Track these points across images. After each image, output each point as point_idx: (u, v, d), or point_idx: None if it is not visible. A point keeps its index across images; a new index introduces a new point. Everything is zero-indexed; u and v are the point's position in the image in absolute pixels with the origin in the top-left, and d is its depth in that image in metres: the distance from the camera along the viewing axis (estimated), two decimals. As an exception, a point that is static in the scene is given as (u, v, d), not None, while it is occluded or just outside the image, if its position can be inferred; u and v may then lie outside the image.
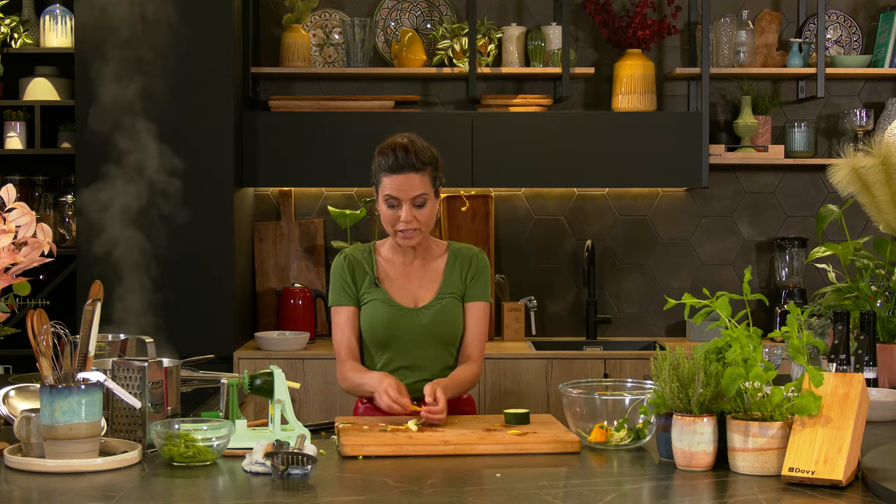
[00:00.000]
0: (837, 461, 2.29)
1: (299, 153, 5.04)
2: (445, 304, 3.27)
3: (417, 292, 3.29)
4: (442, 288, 3.29)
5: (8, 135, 5.20)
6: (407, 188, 3.17)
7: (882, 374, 3.26)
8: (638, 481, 2.45)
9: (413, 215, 3.19)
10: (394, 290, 3.28)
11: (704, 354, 2.52)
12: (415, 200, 3.19)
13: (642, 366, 4.75)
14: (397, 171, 3.17)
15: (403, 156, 3.18)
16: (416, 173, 3.18)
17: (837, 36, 5.44)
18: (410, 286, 3.29)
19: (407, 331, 3.25)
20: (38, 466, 2.48)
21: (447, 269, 3.31)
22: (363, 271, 3.29)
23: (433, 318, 3.26)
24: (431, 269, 3.31)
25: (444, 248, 3.35)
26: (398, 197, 3.18)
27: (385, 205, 3.21)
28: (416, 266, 3.31)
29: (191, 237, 4.77)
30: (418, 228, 3.21)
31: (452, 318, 3.28)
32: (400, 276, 3.29)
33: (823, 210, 3.81)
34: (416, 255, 3.31)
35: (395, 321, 3.25)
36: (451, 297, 3.29)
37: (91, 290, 2.65)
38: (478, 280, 3.31)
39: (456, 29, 5.21)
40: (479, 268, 3.31)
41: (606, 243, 5.39)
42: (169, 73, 4.71)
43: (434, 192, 3.24)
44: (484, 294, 3.32)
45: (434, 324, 3.25)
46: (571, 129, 5.08)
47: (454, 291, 3.29)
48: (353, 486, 2.42)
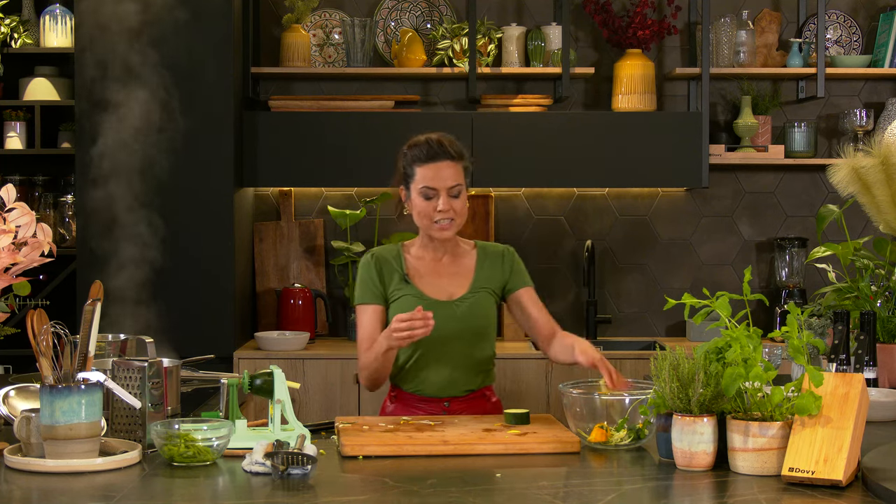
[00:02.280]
0: (837, 461, 2.29)
1: (299, 153, 5.04)
2: (479, 298, 3.27)
3: (449, 287, 3.28)
4: (475, 283, 3.28)
5: (8, 135, 5.20)
6: (443, 177, 3.19)
7: (882, 374, 3.26)
8: (638, 481, 2.45)
9: (450, 204, 3.19)
10: (424, 285, 3.27)
11: (704, 354, 2.52)
12: (451, 191, 3.19)
13: (642, 366, 4.75)
14: (433, 159, 3.20)
15: (438, 146, 3.21)
16: (451, 162, 3.20)
17: (837, 36, 5.44)
18: (441, 282, 3.28)
19: (440, 324, 3.18)
20: (38, 466, 2.48)
21: (478, 265, 3.30)
22: (392, 269, 3.28)
23: (467, 311, 3.24)
24: (462, 264, 3.31)
25: (472, 246, 3.35)
26: (435, 187, 3.18)
27: (421, 196, 3.20)
28: (445, 262, 3.31)
29: (191, 237, 4.77)
30: (454, 219, 3.21)
31: (486, 312, 3.27)
32: (430, 273, 3.29)
33: (823, 210, 3.81)
34: (445, 252, 3.30)
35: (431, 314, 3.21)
36: (485, 292, 3.28)
37: (91, 290, 2.65)
38: (517, 269, 3.33)
39: (456, 29, 5.21)
40: (514, 259, 3.35)
41: (606, 243, 5.39)
42: (169, 73, 4.71)
43: (466, 184, 3.26)
44: (527, 280, 3.35)
45: (468, 316, 3.24)
46: (571, 129, 5.08)
47: (487, 286, 3.29)
48: (353, 486, 2.42)
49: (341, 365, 4.78)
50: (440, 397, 3.25)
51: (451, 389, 3.26)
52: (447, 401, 3.25)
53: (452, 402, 3.25)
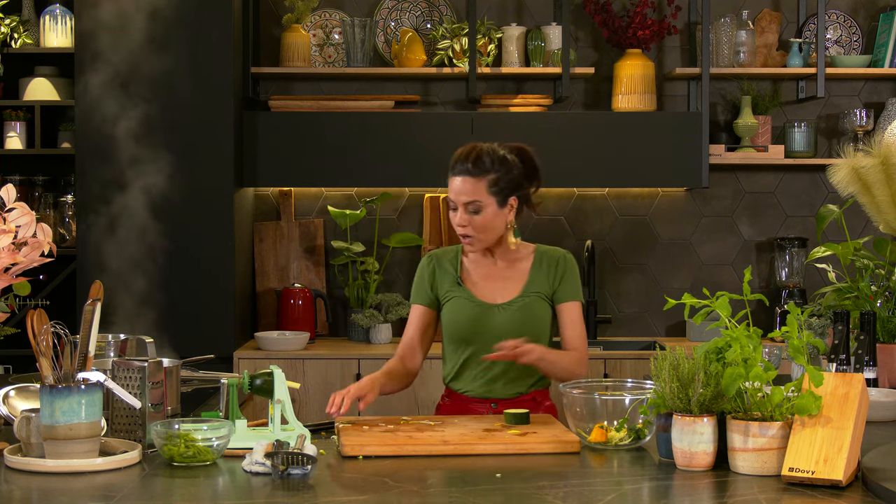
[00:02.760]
0: (837, 461, 2.29)
1: (299, 153, 5.04)
2: (529, 303, 3.26)
3: (501, 291, 3.27)
4: (527, 287, 3.27)
5: (8, 135, 5.20)
6: (458, 192, 3.19)
7: (882, 374, 3.26)
8: (638, 481, 2.45)
9: (467, 220, 3.19)
10: (476, 288, 3.28)
11: (704, 354, 2.52)
12: (467, 206, 3.18)
13: (642, 366, 4.74)
14: (455, 172, 3.21)
15: (462, 160, 3.20)
16: (469, 177, 3.18)
17: (837, 36, 5.44)
18: (494, 286, 3.28)
19: (489, 327, 3.22)
20: (38, 466, 2.48)
21: (533, 270, 3.29)
22: (446, 271, 3.30)
23: (515, 315, 3.24)
24: (517, 269, 3.30)
25: (531, 251, 3.34)
26: (454, 200, 3.20)
27: (449, 206, 3.24)
28: (500, 267, 3.31)
29: (191, 237, 4.77)
30: (472, 235, 3.20)
31: (535, 317, 3.26)
32: (483, 277, 3.29)
33: (823, 210, 3.81)
34: (497, 258, 3.31)
35: (477, 317, 3.23)
36: (536, 297, 3.27)
37: (91, 290, 2.65)
38: (567, 280, 3.29)
39: (456, 29, 5.21)
40: (567, 268, 3.30)
41: (606, 243, 5.39)
42: (169, 74, 4.71)
43: (497, 200, 3.20)
44: (575, 293, 3.30)
45: (516, 320, 3.23)
46: (571, 129, 5.08)
47: (539, 291, 3.27)
48: (353, 486, 2.42)
49: (341, 365, 4.78)
50: (487, 398, 3.26)
51: (498, 391, 3.26)
52: (494, 402, 3.25)
53: (500, 404, 3.24)
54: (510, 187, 3.23)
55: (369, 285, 5.18)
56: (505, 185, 3.22)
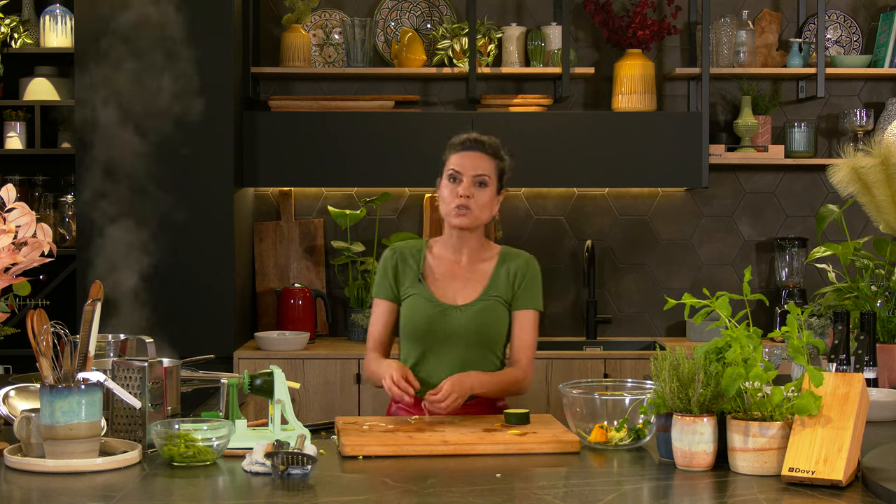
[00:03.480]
0: (837, 461, 2.29)
1: (299, 153, 5.04)
2: (488, 306, 3.23)
3: (461, 291, 3.26)
4: (487, 289, 3.25)
5: (8, 135, 5.20)
6: (472, 164, 3.22)
7: (882, 374, 3.26)
8: (638, 481, 2.45)
9: (471, 191, 3.20)
10: (437, 287, 3.26)
11: (704, 354, 2.52)
12: (476, 178, 3.20)
13: (642, 366, 4.75)
14: (467, 149, 3.24)
15: (475, 139, 3.26)
16: (484, 154, 3.23)
17: (837, 36, 5.44)
18: (454, 285, 3.26)
19: (444, 328, 3.21)
20: (38, 466, 2.48)
21: (495, 272, 3.27)
22: (408, 267, 3.28)
23: (472, 317, 3.22)
24: (479, 269, 3.28)
25: (496, 252, 3.32)
26: (461, 171, 3.21)
27: (447, 180, 3.24)
28: (463, 265, 3.29)
29: (191, 237, 4.77)
30: (472, 209, 3.20)
31: (493, 320, 3.24)
32: (446, 274, 3.27)
33: (823, 210, 3.81)
34: (465, 254, 3.28)
35: (434, 317, 3.21)
36: (495, 300, 3.25)
37: (91, 290, 2.65)
38: (526, 287, 3.27)
39: (456, 29, 5.21)
40: (529, 275, 3.28)
41: (606, 243, 5.39)
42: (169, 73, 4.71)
43: (497, 184, 3.25)
44: (534, 301, 3.27)
45: (472, 323, 3.22)
46: (571, 129, 5.08)
47: (499, 295, 3.25)
48: (353, 486, 2.42)
49: (341, 365, 4.78)
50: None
51: None
52: None
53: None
54: (505, 180, 3.30)
55: (369, 285, 5.18)
56: (503, 176, 3.28)
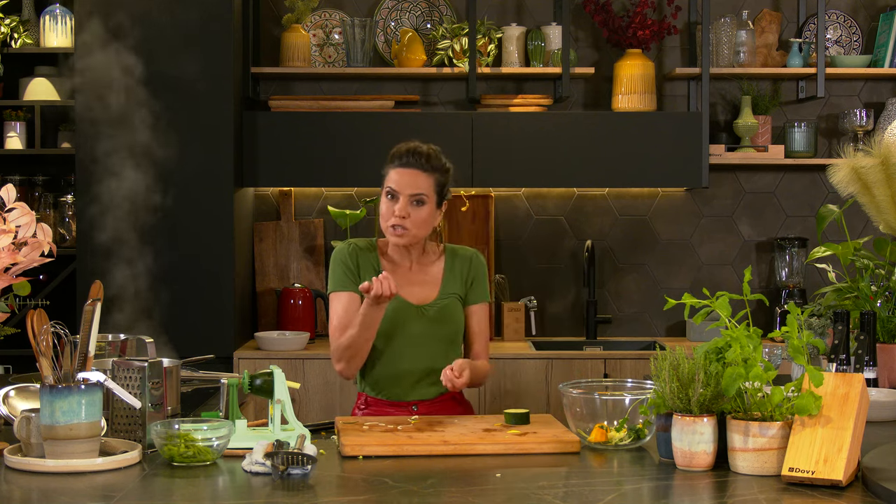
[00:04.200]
0: (837, 461, 2.29)
1: (299, 153, 5.04)
2: (447, 304, 3.28)
3: (420, 293, 3.28)
4: (443, 289, 3.29)
5: (8, 135, 5.20)
6: (408, 183, 3.19)
7: (882, 374, 3.26)
8: (638, 481, 2.45)
9: (407, 211, 3.18)
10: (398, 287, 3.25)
11: (704, 354, 2.52)
12: (413, 197, 3.19)
13: (642, 366, 4.75)
14: (404, 165, 3.21)
15: (414, 154, 3.22)
16: (421, 172, 3.20)
17: (837, 36, 5.44)
18: (411, 288, 3.27)
19: (410, 328, 3.23)
20: (38, 466, 2.48)
21: (446, 272, 3.31)
22: (368, 264, 3.27)
23: (436, 316, 3.25)
24: (430, 272, 3.31)
25: (441, 251, 3.34)
26: (398, 190, 3.19)
27: (385, 197, 3.22)
28: (414, 269, 3.30)
29: (191, 237, 4.77)
30: (409, 228, 3.19)
31: (453, 319, 3.28)
32: (400, 278, 3.27)
33: (823, 210, 3.81)
34: (412, 259, 3.30)
35: (400, 317, 3.23)
36: (453, 298, 3.29)
37: (91, 290, 2.65)
38: (478, 282, 3.33)
39: (456, 29, 5.21)
40: (478, 270, 3.33)
41: (606, 243, 5.39)
42: (169, 73, 4.71)
43: (436, 200, 3.24)
44: (484, 295, 3.34)
45: (438, 321, 3.25)
46: (571, 129, 5.08)
47: (455, 292, 3.30)
48: (353, 486, 2.42)
49: (341, 365, 4.78)
50: (408, 401, 3.25)
51: (420, 393, 3.26)
52: (415, 404, 3.25)
53: (421, 405, 3.25)
54: (446, 192, 3.28)
55: (369, 285, 5.18)
56: (443, 187, 3.26)
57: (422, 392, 3.26)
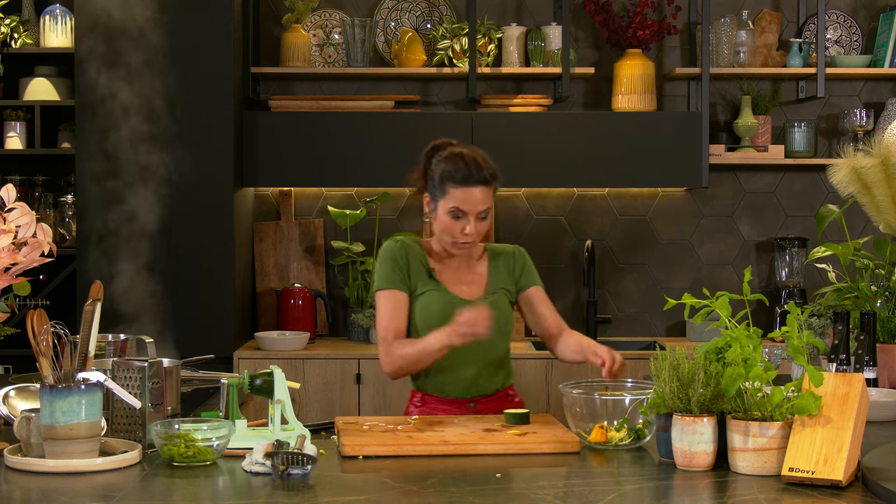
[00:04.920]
0: (837, 461, 2.29)
1: (299, 153, 5.04)
2: (496, 299, 3.24)
3: (467, 289, 3.25)
4: (490, 286, 3.27)
5: (8, 135, 5.20)
6: (475, 202, 3.14)
7: (882, 374, 3.26)
8: (638, 481, 2.45)
9: (477, 228, 3.17)
10: (448, 284, 3.24)
11: (704, 354, 2.52)
12: (479, 214, 3.17)
13: (642, 366, 4.74)
14: (468, 183, 3.14)
15: (476, 169, 3.16)
16: (485, 187, 3.16)
17: (837, 36, 5.44)
18: (461, 286, 3.26)
19: None
20: (38, 466, 2.48)
21: (490, 269, 3.30)
22: (418, 262, 3.24)
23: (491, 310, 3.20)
24: (475, 271, 3.29)
25: (482, 250, 3.33)
26: (466, 211, 3.15)
27: (449, 216, 3.15)
28: (462, 269, 3.29)
29: (191, 237, 4.77)
30: (475, 241, 3.21)
31: (503, 313, 3.24)
32: (450, 275, 3.26)
33: (823, 210, 3.81)
34: (459, 259, 3.29)
35: (452, 312, 3.13)
36: (502, 292, 3.27)
37: (91, 290, 2.65)
38: (526, 270, 3.32)
39: (456, 29, 5.21)
40: (524, 259, 3.34)
41: (606, 243, 5.39)
42: (169, 73, 4.71)
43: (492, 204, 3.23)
44: (536, 279, 3.34)
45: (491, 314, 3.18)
46: (571, 129, 5.08)
47: (503, 287, 3.28)
48: (353, 486, 2.42)
49: (341, 365, 4.78)
50: (466, 398, 3.24)
51: (477, 389, 3.24)
52: (473, 401, 3.23)
53: (479, 402, 3.23)
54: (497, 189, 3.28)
55: (369, 285, 5.18)
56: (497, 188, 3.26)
57: (480, 388, 3.23)
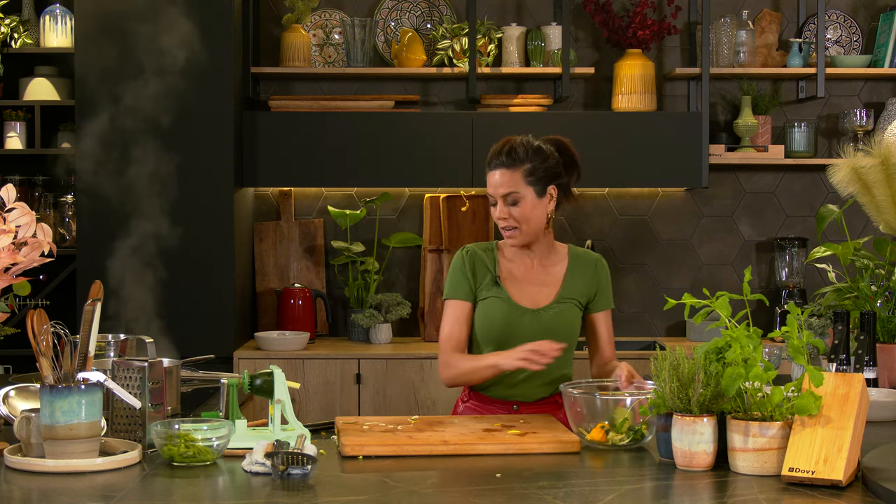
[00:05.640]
0: (837, 461, 2.29)
1: (299, 153, 5.04)
2: (564, 309, 3.22)
3: (537, 295, 3.23)
4: (562, 292, 3.23)
5: (8, 135, 5.20)
6: (496, 185, 3.18)
7: (882, 374, 3.26)
8: (638, 481, 2.45)
9: (508, 212, 3.17)
10: (514, 290, 3.23)
11: (704, 354, 2.52)
12: (506, 198, 3.17)
13: (642, 366, 4.73)
14: (491, 167, 3.20)
15: (497, 152, 3.20)
16: (506, 170, 3.17)
17: (837, 36, 5.44)
18: (531, 288, 3.24)
19: (524, 331, 3.18)
20: (38, 466, 2.48)
21: (568, 275, 3.25)
22: (485, 268, 3.24)
23: (551, 321, 3.20)
24: (552, 273, 3.26)
25: (565, 254, 3.29)
26: (493, 194, 3.19)
27: (490, 203, 3.24)
28: (536, 269, 3.26)
29: (191, 237, 4.77)
30: (517, 227, 3.18)
31: (567, 324, 3.22)
32: (521, 278, 3.25)
33: (823, 210, 3.81)
34: (535, 257, 3.26)
35: (513, 321, 3.18)
36: (571, 303, 3.23)
37: (91, 290, 2.65)
38: (602, 290, 3.27)
39: (456, 29, 5.21)
40: (602, 276, 3.28)
41: (606, 243, 5.39)
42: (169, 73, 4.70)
43: (536, 190, 3.17)
44: (609, 302, 3.30)
45: (552, 326, 3.19)
46: (571, 129, 5.07)
47: (574, 297, 3.24)
48: (353, 486, 2.42)
49: (341, 365, 4.78)
50: (510, 400, 3.22)
51: (523, 395, 3.22)
52: (516, 404, 3.22)
53: (522, 406, 3.22)
54: (548, 176, 3.21)
55: (369, 285, 5.18)
56: (542, 174, 3.20)
57: (523, 395, 3.21)
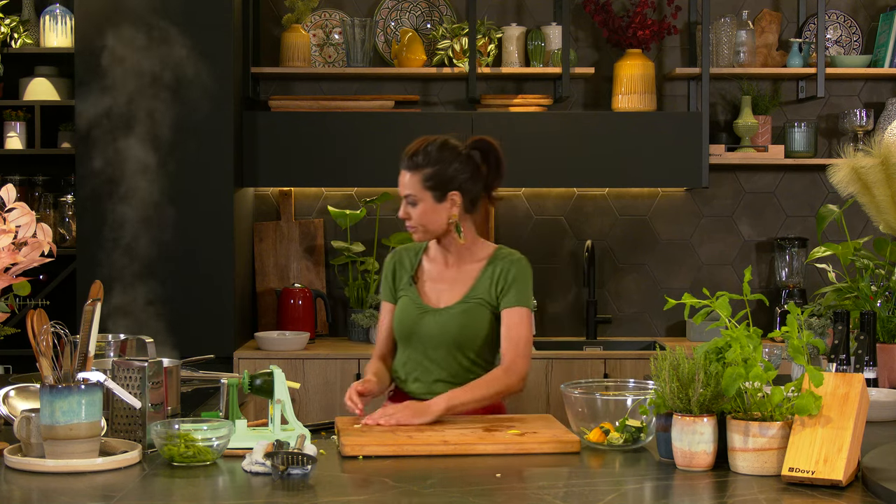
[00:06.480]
0: (837, 461, 2.29)
1: (299, 153, 5.04)
2: (468, 308, 3.23)
3: (445, 294, 3.27)
4: (470, 293, 3.24)
5: (8, 135, 5.20)
6: (400, 185, 3.25)
7: (882, 374, 3.26)
8: (638, 481, 2.45)
9: (408, 213, 3.23)
10: (425, 289, 3.29)
11: (704, 354, 2.52)
12: (407, 199, 3.23)
13: (642, 366, 4.74)
14: (400, 166, 3.26)
15: (406, 152, 3.26)
16: (407, 171, 3.23)
17: (837, 36, 5.44)
18: (441, 287, 3.28)
19: (424, 329, 3.23)
20: (38, 466, 2.48)
21: (481, 274, 3.26)
22: (404, 269, 3.34)
23: (450, 320, 3.22)
24: (466, 272, 3.28)
25: (487, 255, 3.29)
26: (400, 193, 3.25)
27: None
28: (451, 269, 3.29)
29: (191, 237, 4.77)
30: (416, 226, 3.24)
31: (472, 323, 3.22)
32: (436, 277, 3.30)
33: (823, 210, 3.81)
34: (452, 257, 3.29)
35: (416, 319, 3.25)
36: (476, 303, 3.23)
37: (91, 290, 2.65)
38: (512, 287, 3.22)
39: (456, 29, 5.21)
40: (513, 275, 3.22)
41: (606, 243, 5.39)
42: (169, 73, 4.71)
43: (434, 196, 3.19)
44: (518, 299, 3.21)
45: (451, 326, 3.22)
46: (571, 129, 5.08)
47: (481, 297, 3.24)
48: (353, 486, 2.42)
49: (341, 365, 4.78)
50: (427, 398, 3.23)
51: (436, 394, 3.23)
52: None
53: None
54: (446, 183, 3.20)
55: (369, 285, 5.18)
56: (441, 180, 3.19)
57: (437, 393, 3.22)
